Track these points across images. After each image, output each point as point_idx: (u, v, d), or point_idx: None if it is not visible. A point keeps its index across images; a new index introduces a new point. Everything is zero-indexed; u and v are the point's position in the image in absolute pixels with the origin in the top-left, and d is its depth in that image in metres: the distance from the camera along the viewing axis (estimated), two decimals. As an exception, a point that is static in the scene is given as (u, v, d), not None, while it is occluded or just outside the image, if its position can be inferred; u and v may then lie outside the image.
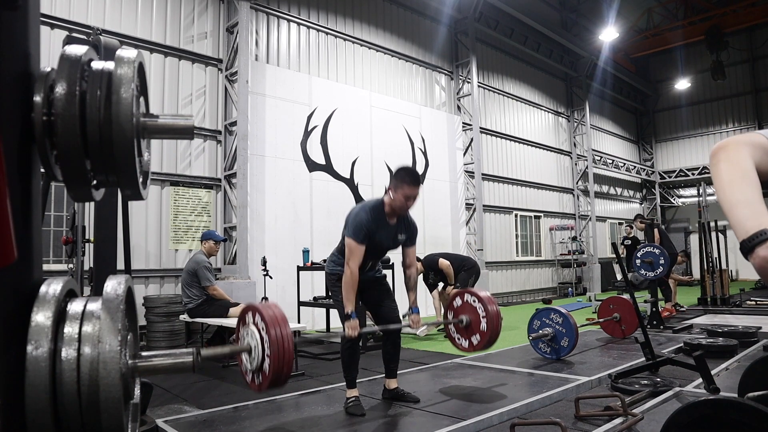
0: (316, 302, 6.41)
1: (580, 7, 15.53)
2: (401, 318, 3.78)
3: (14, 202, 0.59)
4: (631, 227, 12.24)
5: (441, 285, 6.85)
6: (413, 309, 3.59)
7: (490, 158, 12.26)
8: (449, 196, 10.59)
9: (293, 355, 2.75)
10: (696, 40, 15.69)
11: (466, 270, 6.66)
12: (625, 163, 17.85)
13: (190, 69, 7.30)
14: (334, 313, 6.93)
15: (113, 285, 0.68)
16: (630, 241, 11.78)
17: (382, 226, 3.37)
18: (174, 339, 6.08)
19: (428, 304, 8.71)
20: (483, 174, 11.54)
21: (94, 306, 0.66)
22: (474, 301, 3.87)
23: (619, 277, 14.79)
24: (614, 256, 4.90)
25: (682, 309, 8.42)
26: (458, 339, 3.95)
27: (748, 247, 0.88)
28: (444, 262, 6.51)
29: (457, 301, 3.99)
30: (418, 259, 6.55)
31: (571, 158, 15.31)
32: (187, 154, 7.17)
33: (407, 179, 3.28)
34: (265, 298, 5.89)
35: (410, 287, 3.62)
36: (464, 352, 3.90)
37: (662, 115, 19.77)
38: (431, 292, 6.83)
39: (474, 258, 8.16)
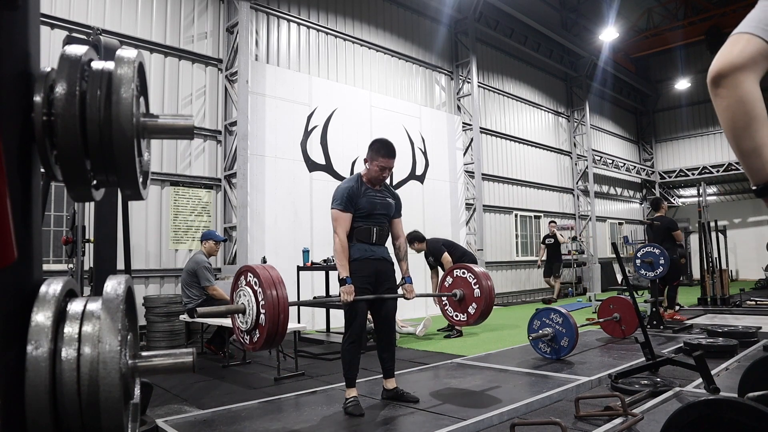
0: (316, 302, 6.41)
1: (580, 7, 15.53)
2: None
3: (14, 202, 0.59)
4: (555, 222, 11.91)
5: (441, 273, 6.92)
6: (406, 279, 3.65)
7: (490, 158, 12.26)
8: (449, 196, 10.59)
9: (288, 315, 2.77)
10: (696, 40, 15.69)
11: None
12: (625, 163, 17.85)
13: (190, 69, 7.30)
14: (334, 313, 6.93)
15: (113, 285, 0.68)
16: (552, 240, 11.23)
17: (366, 192, 3.51)
18: (174, 339, 6.08)
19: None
20: (483, 174, 11.54)
21: (94, 306, 0.66)
22: (463, 273, 3.94)
23: (619, 278, 14.79)
24: (614, 255, 4.90)
25: (682, 309, 8.40)
26: (456, 316, 3.98)
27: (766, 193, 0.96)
28: (447, 258, 6.53)
29: (448, 280, 4.04)
30: (423, 239, 6.69)
31: (571, 158, 15.31)
32: (187, 154, 7.17)
33: (382, 151, 3.45)
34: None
35: (401, 258, 3.69)
36: (465, 326, 3.94)
37: (662, 115, 19.77)
38: (431, 270, 6.89)
39: (472, 252, 8.19)
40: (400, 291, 3.69)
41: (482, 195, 11.27)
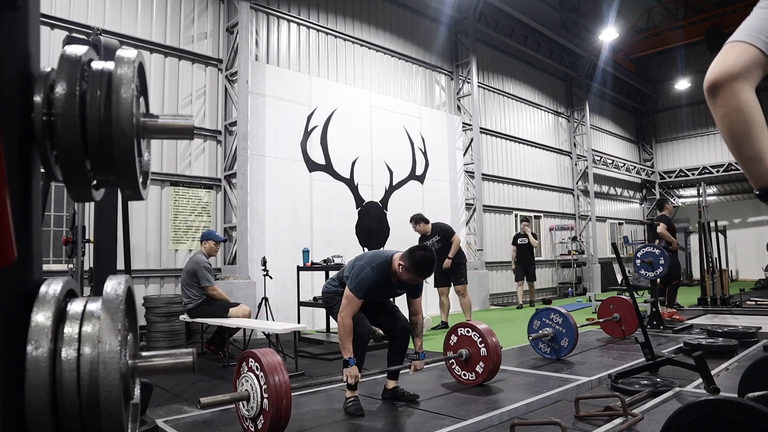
0: (316, 302, 6.41)
1: (580, 7, 15.53)
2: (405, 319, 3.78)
3: (14, 202, 0.59)
4: (527, 221, 11.02)
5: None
6: (420, 355, 3.62)
7: (490, 158, 12.26)
8: (449, 196, 10.59)
9: (291, 401, 2.78)
10: (696, 40, 15.68)
11: (463, 264, 6.87)
12: (625, 163, 17.85)
13: (190, 69, 7.30)
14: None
15: (113, 285, 0.67)
16: (525, 240, 10.32)
17: (383, 284, 3.41)
18: (174, 339, 6.08)
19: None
20: (483, 174, 11.54)
21: (94, 306, 0.66)
22: (467, 332, 3.96)
23: (619, 278, 14.79)
24: (614, 255, 4.90)
25: (682, 309, 8.40)
26: (464, 375, 4.00)
27: None
28: (457, 239, 6.88)
29: (453, 339, 4.04)
30: (428, 221, 7.02)
31: (571, 158, 15.31)
32: (187, 154, 7.16)
33: (418, 271, 3.28)
34: (266, 299, 5.89)
35: (416, 334, 3.65)
36: (473, 385, 3.92)
37: (662, 115, 19.76)
38: None
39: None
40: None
41: (482, 195, 11.27)
